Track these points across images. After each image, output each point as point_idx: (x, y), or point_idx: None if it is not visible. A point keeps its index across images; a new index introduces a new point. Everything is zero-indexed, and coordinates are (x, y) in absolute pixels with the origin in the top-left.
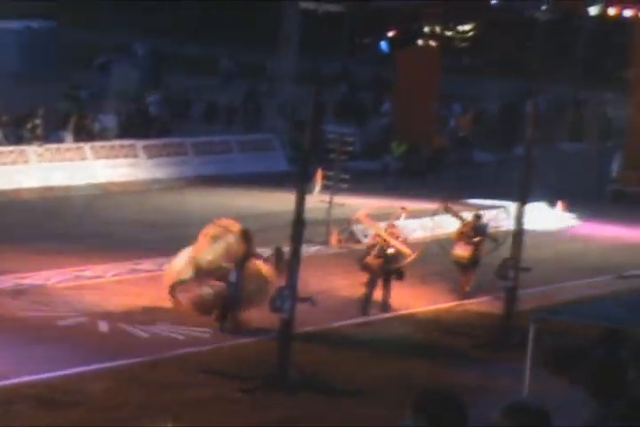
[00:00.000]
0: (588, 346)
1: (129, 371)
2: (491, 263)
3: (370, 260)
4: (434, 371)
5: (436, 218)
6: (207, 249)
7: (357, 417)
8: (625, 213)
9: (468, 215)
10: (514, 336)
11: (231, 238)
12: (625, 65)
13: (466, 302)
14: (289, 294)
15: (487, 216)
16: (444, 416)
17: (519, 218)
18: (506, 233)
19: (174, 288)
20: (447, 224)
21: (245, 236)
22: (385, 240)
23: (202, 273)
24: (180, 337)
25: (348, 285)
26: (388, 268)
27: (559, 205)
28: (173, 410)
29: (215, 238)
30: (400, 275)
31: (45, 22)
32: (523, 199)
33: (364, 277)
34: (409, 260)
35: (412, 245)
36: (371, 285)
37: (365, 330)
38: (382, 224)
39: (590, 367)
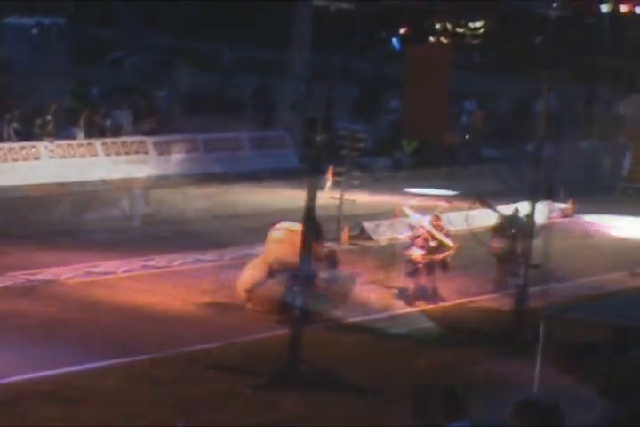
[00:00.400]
0: (598, 344)
1: (139, 367)
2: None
3: (412, 252)
4: (443, 368)
5: (472, 212)
6: (275, 250)
7: (366, 417)
8: (637, 209)
9: (506, 209)
10: (526, 332)
11: (295, 237)
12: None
13: (479, 298)
14: (300, 291)
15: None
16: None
17: (530, 215)
18: (541, 227)
19: (250, 291)
20: (481, 218)
21: None
22: (429, 233)
23: (275, 273)
24: (191, 334)
25: (359, 280)
26: (429, 259)
27: (569, 202)
28: (183, 407)
29: (280, 240)
30: (444, 266)
31: (57, 18)
32: (533, 196)
33: (406, 268)
34: (446, 254)
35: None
36: (414, 275)
37: (377, 326)
38: (426, 217)
39: (601, 365)
